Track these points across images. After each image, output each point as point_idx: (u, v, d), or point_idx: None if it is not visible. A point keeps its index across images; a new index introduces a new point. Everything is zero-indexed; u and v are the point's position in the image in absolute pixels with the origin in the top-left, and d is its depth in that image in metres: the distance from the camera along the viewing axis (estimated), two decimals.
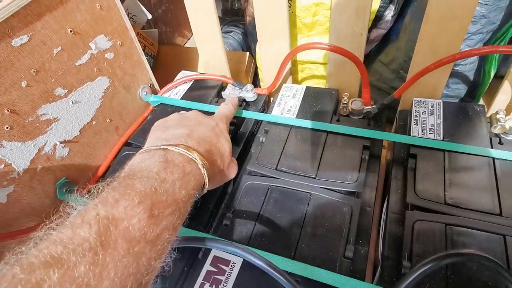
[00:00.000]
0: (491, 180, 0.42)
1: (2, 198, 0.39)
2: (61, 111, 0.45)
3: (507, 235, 0.37)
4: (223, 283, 0.36)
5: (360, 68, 0.49)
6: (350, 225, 0.40)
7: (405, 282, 0.29)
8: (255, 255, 0.33)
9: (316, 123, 0.52)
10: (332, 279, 0.34)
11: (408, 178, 0.44)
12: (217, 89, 0.63)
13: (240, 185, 0.47)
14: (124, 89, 0.55)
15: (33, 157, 0.42)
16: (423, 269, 0.28)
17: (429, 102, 0.52)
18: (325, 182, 0.45)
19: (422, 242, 0.37)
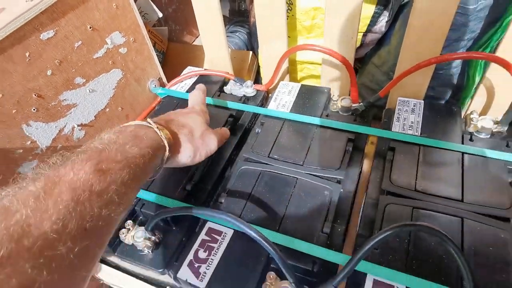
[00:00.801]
0: (458, 172, 0.46)
1: (28, 171, 0.45)
2: (79, 98, 0.51)
3: (464, 218, 0.42)
4: (215, 249, 0.42)
5: (349, 69, 0.55)
6: (330, 206, 0.45)
7: (364, 248, 0.34)
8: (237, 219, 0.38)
9: (307, 117, 0.57)
10: (309, 249, 0.40)
11: (385, 168, 0.49)
12: (219, 84, 0.68)
13: (235, 170, 0.52)
14: (135, 81, 0.61)
15: (55, 136, 0.48)
16: (380, 236, 0.33)
17: (411, 102, 0.57)
18: (311, 169, 0.50)
19: (391, 222, 0.42)
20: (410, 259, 0.39)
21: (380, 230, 0.41)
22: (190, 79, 0.69)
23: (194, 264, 0.41)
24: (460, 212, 0.42)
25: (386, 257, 0.39)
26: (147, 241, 0.46)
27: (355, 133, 0.54)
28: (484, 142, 0.50)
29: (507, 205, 0.43)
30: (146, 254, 0.47)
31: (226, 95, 0.66)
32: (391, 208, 0.44)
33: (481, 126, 0.51)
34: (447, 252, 0.38)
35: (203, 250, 0.42)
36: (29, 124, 0.44)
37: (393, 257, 0.39)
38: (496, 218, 0.42)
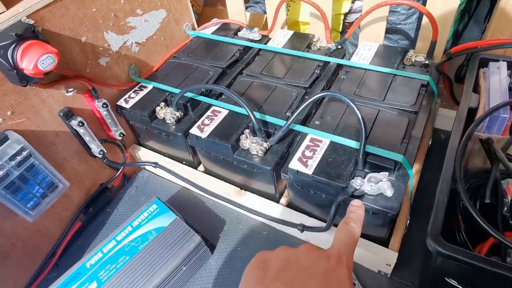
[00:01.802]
0: (386, 85, 0.67)
1: (104, 63, 0.71)
2: (138, 23, 0.76)
3: (380, 109, 0.62)
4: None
5: (323, 16, 0.76)
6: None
7: (297, 111, 0.56)
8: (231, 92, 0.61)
9: (295, 51, 0.79)
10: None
11: (333, 81, 0.70)
12: (235, 31, 0.92)
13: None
14: (174, 22, 0.86)
15: (121, 45, 0.74)
16: (304, 103, 0.55)
17: (369, 44, 0.77)
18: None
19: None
20: (338, 126, 0.61)
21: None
22: (214, 26, 0.94)
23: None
24: (378, 107, 0.62)
25: (323, 125, 0.61)
26: (173, 115, 0.70)
27: (323, 62, 0.76)
28: (411, 69, 0.70)
29: (413, 102, 0.63)
30: (171, 125, 0.71)
31: (238, 37, 0.89)
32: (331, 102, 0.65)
33: (414, 60, 0.71)
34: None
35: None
36: (108, 32, 0.70)
37: (328, 125, 0.61)
38: (404, 110, 0.62)
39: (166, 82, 0.77)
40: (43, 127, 0.63)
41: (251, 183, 0.69)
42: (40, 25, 0.57)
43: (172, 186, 0.81)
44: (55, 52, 0.53)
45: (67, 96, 0.65)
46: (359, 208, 0.40)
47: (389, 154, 0.54)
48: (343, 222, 0.38)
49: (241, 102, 0.60)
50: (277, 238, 0.68)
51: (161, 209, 0.67)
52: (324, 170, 0.54)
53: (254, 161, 0.61)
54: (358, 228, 0.37)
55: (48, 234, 0.70)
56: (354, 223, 0.37)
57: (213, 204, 0.75)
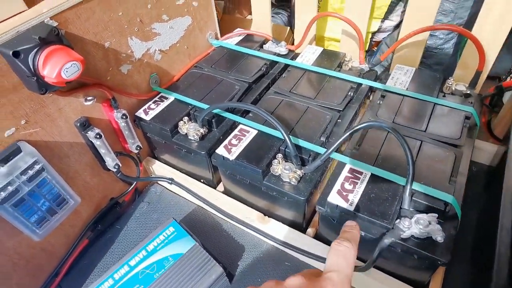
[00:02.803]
0: (428, 114, 0.63)
1: (125, 71, 0.66)
2: (163, 29, 0.71)
3: (423, 141, 0.58)
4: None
5: (359, 35, 0.72)
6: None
7: (339, 140, 0.52)
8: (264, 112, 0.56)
9: (322, 69, 0.75)
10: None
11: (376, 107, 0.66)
12: (260, 43, 0.87)
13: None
14: (198, 30, 0.82)
15: (143, 52, 0.69)
16: (346, 134, 0.51)
17: (405, 68, 0.74)
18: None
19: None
20: (379, 157, 0.56)
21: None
22: (239, 36, 0.89)
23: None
24: (421, 137, 0.58)
25: (362, 155, 0.57)
26: (197, 131, 0.65)
27: (357, 84, 0.72)
28: (452, 98, 0.66)
29: (458, 136, 0.59)
30: (194, 142, 0.66)
31: (264, 50, 0.85)
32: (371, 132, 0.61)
33: (454, 89, 0.67)
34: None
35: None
36: (132, 38, 0.65)
37: (367, 155, 0.56)
38: (449, 144, 0.58)
39: (188, 94, 0.72)
40: (58, 138, 0.57)
41: (277, 210, 0.64)
42: (63, 27, 0.52)
43: (186, 204, 0.76)
44: (80, 60, 0.48)
45: (86, 105, 0.60)
46: (353, 227, 0.36)
47: (438, 193, 0.50)
48: (336, 243, 0.33)
49: (278, 126, 0.55)
50: (300, 270, 0.63)
51: (178, 232, 0.62)
52: (366, 206, 0.50)
53: (286, 189, 0.56)
54: (353, 249, 0.33)
55: (53, 252, 0.64)
56: (348, 243, 0.33)
57: (232, 228, 0.70)
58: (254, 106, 0.60)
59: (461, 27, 0.64)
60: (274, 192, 0.58)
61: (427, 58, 0.81)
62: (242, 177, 0.61)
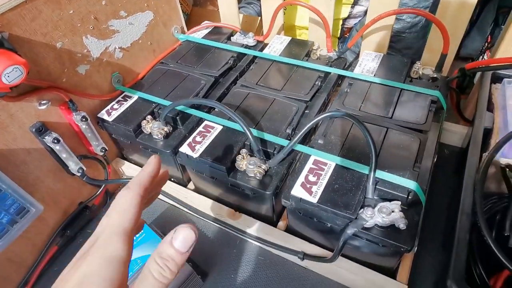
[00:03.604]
0: (393, 100, 0.62)
1: (83, 71, 0.64)
2: (121, 26, 0.69)
3: (389, 128, 0.57)
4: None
5: (324, 23, 0.70)
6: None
7: (301, 131, 0.51)
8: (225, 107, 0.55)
9: (291, 60, 0.73)
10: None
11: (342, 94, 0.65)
12: (228, 35, 0.85)
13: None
14: (162, 24, 0.79)
15: (102, 51, 0.66)
16: (308, 125, 0.50)
17: (373, 54, 0.72)
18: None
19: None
20: (344, 147, 0.55)
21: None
22: (205, 30, 0.87)
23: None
24: (387, 124, 0.57)
25: (327, 146, 0.56)
26: (161, 130, 0.64)
27: (324, 73, 0.71)
28: (419, 82, 0.65)
29: (423, 121, 0.58)
30: (159, 141, 0.65)
31: (232, 42, 0.83)
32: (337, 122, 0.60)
33: (422, 73, 0.66)
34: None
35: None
36: (87, 37, 0.62)
37: (332, 146, 0.55)
38: (414, 130, 0.57)
39: (153, 92, 0.70)
40: (12, 145, 0.55)
41: (247, 205, 0.63)
42: (6, 29, 0.50)
43: (159, 204, 0.74)
44: (22, 63, 0.46)
45: (40, 109, 0.57)
46: (175, 256, 0.28)
47: (402, 180, 0.49)
48: (156, 264, 0.28)
49: (237, 119, 0.54)
50: (274, 263, 0.63)
51: (147, 234, 0.61)
52: (330, 198, 0.49)
53: (252, 185, 0.55)
54: (172, 277, 0.28)
55: (20, 262, 0.62)
56: (173, 268, 0.28)
57: (204, 225, 0.69)
58: (215, 101, 0.59)
59: (426, 11, 0.63)
60: (241, 188, 0.57)
61: (396, 43, 0.79)
62: (208, 174, 0.60)
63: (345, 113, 0.49)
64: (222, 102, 0.67)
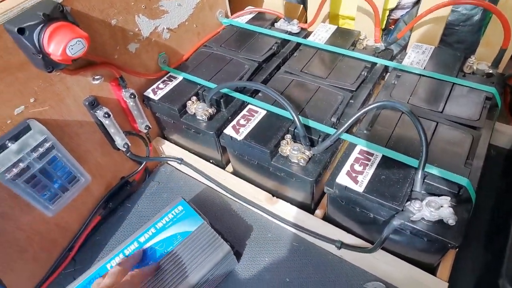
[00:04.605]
0: (446, 94, 0.60)
1: (133, 50, 0.66)
2: (170, 7, 0.70)
3: (439, 122, 0.56)
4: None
5: (375, 11, 0.69)
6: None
7: (350, 120, 0.50)
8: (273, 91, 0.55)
9: (336, 48, 0.72)
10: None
11: (390, 87, 0.64)
12: (271, 21, 0.85)
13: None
14: (208, 7, 0.80)
15: (151, 31, 0.68)
16: (357, 114, 0.49)
17: (424, 46, 0.70)
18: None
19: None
20: (391, 139, 0.54)
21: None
22: (249, 15, 0.87)
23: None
24: (437, 119, 0.56)
25: (374, 136, 0.55)
26: (205, 111, 0.65)
27: (371, 63, 0.69)
28: (472, 78, 0.62)
29: (476, 117, 0.56)
30: (202, 122, 0.66)
31: (275, 29, 0.82)
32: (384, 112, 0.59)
33: (476, 68, 0.63)
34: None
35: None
36: (139, 16, 0.64)
37: (379, 137, 0.54)
38: (466, 126, 0.55)
39: (197, 73, 0.71)
40: (67, 117, 0.58)
41: (285, 191, 0.64)
42: (68, 4, 0.51)
43: (196, 184, 0.76)
44: (85, 37, 0.48)
45: (94, 84, 0.60)
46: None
47: (453, 176, 0.48)
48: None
49: (286, 105, 0.54)
50: (308, 250, 0.63)
51: (187, 211, 0.63)
52: (376, 188, 0.48)
53: (294, 170, 0.55)
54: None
55: (66, 228, 0.66)
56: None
57: (240, 208, 0.70)
58: (263, 85, 0.59)
59: (486, 1, 0.60)
60: (282, 173, 0.57)
61: (447, 36, 0.76)
62: (250, 158, 0.61)
63: (399, 105, 0.48)
64: (259, 83, 0.67)
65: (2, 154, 0.49)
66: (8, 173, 0.49)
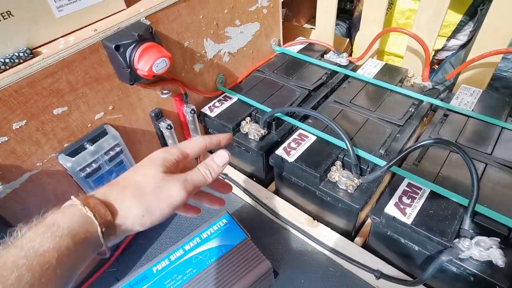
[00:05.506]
0: (494, 138, 0.61)
1: (197, 69, 0.71)
2: (234, 34, 0.76)
3: (488, 164, 0.57)
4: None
5: (426, 51, 0.72)
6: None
7: (402, 153, 0.53)
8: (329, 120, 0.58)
9: (385, 83, 0.75)
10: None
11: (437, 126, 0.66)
12: (321, 53, 0.90)
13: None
14: (264, 35, 0.86)
15: (215, 53, 0.74)
16: (408, 150, 0.52)
17: (472, 89, 0.72)
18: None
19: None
20: (439, 175, 0.56)
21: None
22: (300, 45, 0.92)
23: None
24: (487, 160, 0.57)
25: (422, 171, 0.57)
26: (258, 132, 0.69)
27: (418, 100, 0.72)
28: None
29: None
30: (253, 141, 0.70)
31: (325, 60, 0.87)
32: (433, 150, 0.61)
33: None
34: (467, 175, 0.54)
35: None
36: (207, 40, 0.70)
37: (427, 172, 0.56)
38: None
39: (251, 96, 0.76)
40: (134, 125, 0.63)
41: (327, 216, 0.66)
42: (154, 26, 0.58)
43: (237, 200, 0.79)
44: (169, 57, 0.54)
45: (162, 97, 0.65)
46: (223, 159, 0.41)
47: (502, 218, 0.49)
48: (203, 165, 0.40)
49: (342, 134, 0.57)
50: (344, 277, 0.64)
51: (231, 225, 0.65)
52: (425, 222, 0.50)
53: (341, 196, 0.58)
54: (211, 179, 0.39)
55: None
56: (213, 173, 0.40)
57: (279, 228, 0.73)
58: (320, 113, 0.62)
59: None
60: (329, 197, 0.60)
61: (494, 80, 0.78)
62: (298, 180, 0.64)
63: (454, 143, 0.50)
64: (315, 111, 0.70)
65: (81, 154, 0.54)
66: (83, 172, 0.54)
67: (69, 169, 0.53)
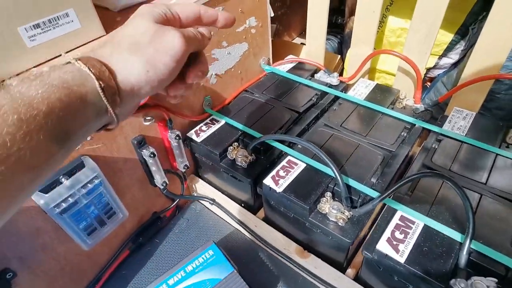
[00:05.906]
0: (488, 165, 0.60)
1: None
2: (221, 55, 0.73)
3: (483, 195, 0.55)
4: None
5: (417, 74, 0.70)
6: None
7: (395, 186, 0.50)
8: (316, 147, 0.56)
9: (376, 105, 0.73)
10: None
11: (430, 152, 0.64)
12: (311, 72, 0.88)
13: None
14: (253, 55, 0.83)
15: None
16: (401, 182, 0.49)
17: (465, 112, 0.71)
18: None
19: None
20: (433, 207, 0.54)
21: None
22: (290, 64, 0.90)
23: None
24: (481, 190, 0.55)
25: (415, 203, 0.54)
26: (245, 158, 0.66)
27: (411, 124, 0.70)
28: None
29: None
30: (240, 168, 0.67)
31: (315, 80, 0.85)
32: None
33: None
34: (462, 207, 0.52)
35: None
36: None
37: (420, 204, 0.54)
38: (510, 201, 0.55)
39: (239, 119, 0.73)
40: (116, 154, 0.60)
41: (317, 246, 0.63)
42: None
43: (225, 226, 0.76)
44: None
45: (144, 124, 0.62)
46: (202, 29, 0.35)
47: (499, 256, 0.46)
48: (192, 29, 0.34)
49: (332, 166, 0.55)
50: None
51: (217, 257, 0.62)
52: (419, 260, 0.48)
53: (331, 229, 0.55)
54: (207, 40, 0.36)
55: (96, 260, 0.67)
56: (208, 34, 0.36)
57: (267, 256, 0.70)
58: (311, 143, 0.60)
59: None
60: (319, 230, 0.57)
61: (487, 102, 0.77)
62: (287, 210, 0.61)
63: (450, 178, 0.48)
64: (304, 139, 0.68)
65: (56, 189, 0.51)
66: (57, 208, 0.51)
67: (43, 206, 0.50)
